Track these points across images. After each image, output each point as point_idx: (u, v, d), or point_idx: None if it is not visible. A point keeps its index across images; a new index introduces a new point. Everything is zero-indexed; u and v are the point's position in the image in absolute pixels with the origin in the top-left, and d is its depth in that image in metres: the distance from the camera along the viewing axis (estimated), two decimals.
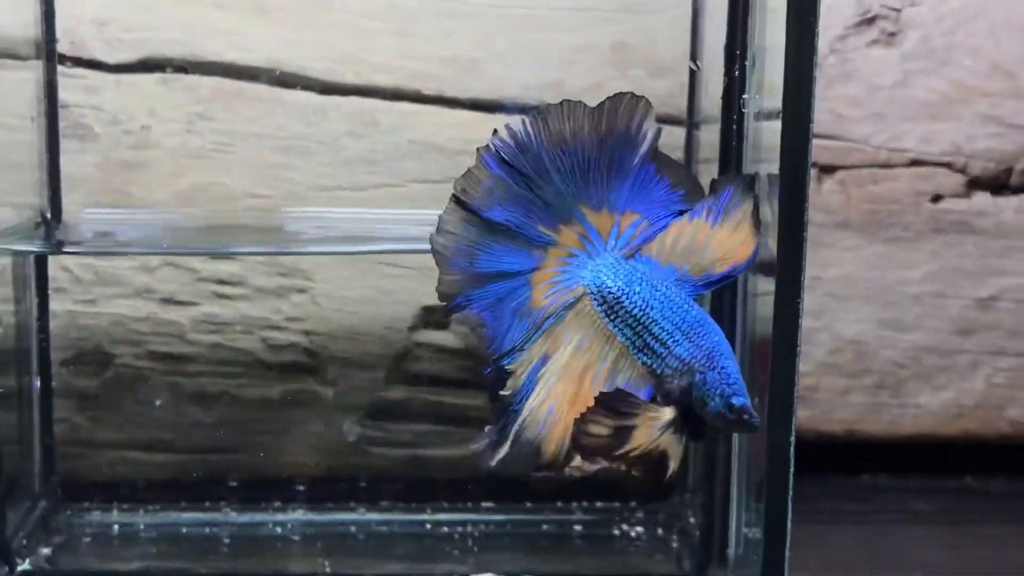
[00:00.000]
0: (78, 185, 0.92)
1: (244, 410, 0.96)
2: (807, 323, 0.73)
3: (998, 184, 1.08)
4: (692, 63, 0.89)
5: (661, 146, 0.70)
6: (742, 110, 0.77)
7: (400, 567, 0.88)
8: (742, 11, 0.77)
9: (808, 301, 0.74)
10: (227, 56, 0.93)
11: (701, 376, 0.68)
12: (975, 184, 1.07)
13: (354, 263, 0.96)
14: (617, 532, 0.94)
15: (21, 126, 0.88)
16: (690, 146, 0.93)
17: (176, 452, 0.97)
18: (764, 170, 0.76)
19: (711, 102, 0.87)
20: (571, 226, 0.70)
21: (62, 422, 0.95)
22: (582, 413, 0.67)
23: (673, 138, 0.93)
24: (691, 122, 0.92)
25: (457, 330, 0.96)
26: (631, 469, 0.68)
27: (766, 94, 0.75)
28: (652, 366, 0.69)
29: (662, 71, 0.94)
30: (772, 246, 0.70)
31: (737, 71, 0.77)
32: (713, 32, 0.85)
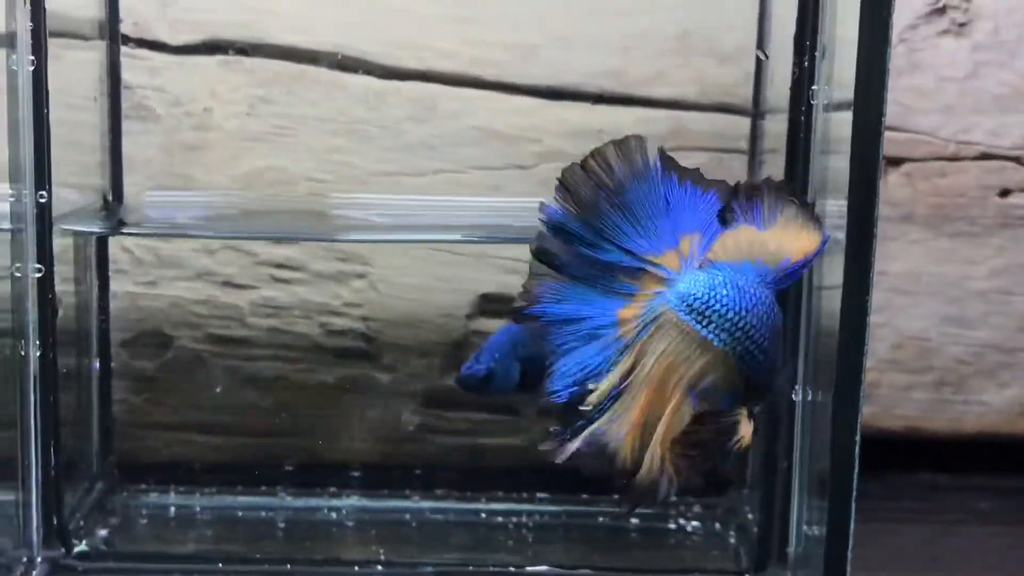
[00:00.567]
0: (139, 167, 0.92)
1: (301, 395, 0.96)
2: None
3: None
4: (760, 52, 0.88)
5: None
6: (811, 101, 0.76)
7: (454, 556, 0.88)
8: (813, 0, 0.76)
9: None
10: (288, 39, 0.93)
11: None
12: None
13: (412, 250, 0.96)
14: (673, 526, 0.93)
15: (85, 107, 0.88)
16: (755, 136, 0.91)
17: (233, 435, 0.97)
18: (834, 162, 0.75)
19: (777, 92, 0.86)
20: (647, 275, 0.69)
21: (120, 403, 0.95)
22: (677, 439, 0.67)
23: (737, 128, 0.92)
24: (756, 112, 0.91)
25: None
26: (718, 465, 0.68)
27: (836, 85, 0.74)
28: (747, 364, 0.68)
29: (726, 59, 0.93)
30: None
31: (807, 61, 0.76)
32: (781, 21, 0.84)
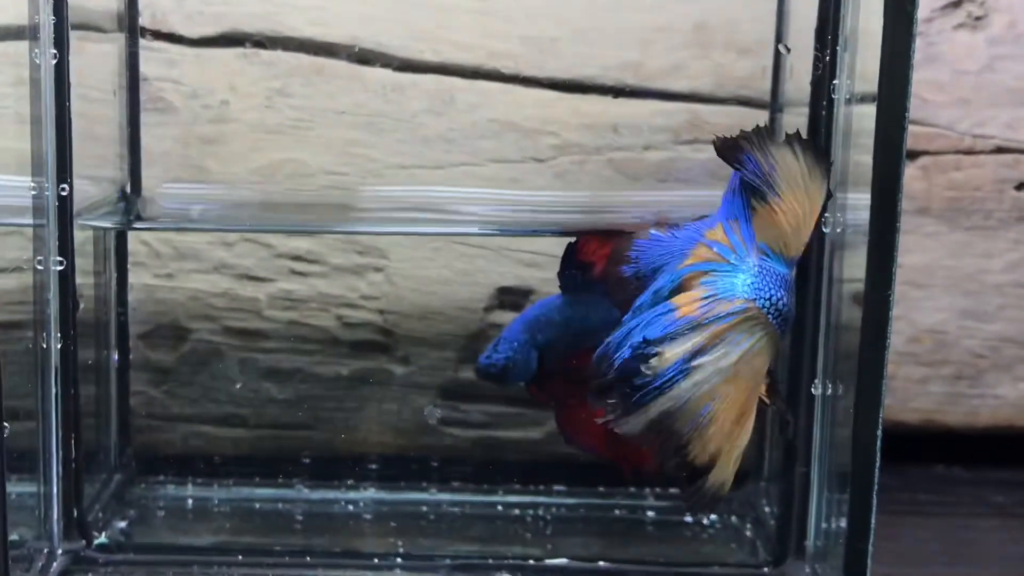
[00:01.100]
0: (157, 159, 0.92)
1: (318, 387, 0.96)
2: None
3: None
4: (782, 46, 0.88)
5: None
6: (832, 96, 0.75)
7: (471, 548, 0.88)
8: None
9: None
10: (306, 32, 0.93)
11: None
12: None
13: (430, 242, 0.96)
14: (690, 519, 0.93)
15: (104, 99, 0.88)
16: (773, 130, 0.91)
17: (250, 427, 0.97)
18: (854, 157, 0.75)
19: (796, 85, 0.86)
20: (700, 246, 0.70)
21: (138, 395, 0.95)
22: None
23: (755, 121, 0.92)
24: (775, 105, 0.91)
25: None
26: None
27: (858, 79, 0.74)
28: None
29: (744, 52, 0.93)
30: None
31: (828, 55, 0.76)
32: (801, 14, 0.84)
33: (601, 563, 0.85)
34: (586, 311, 0.81)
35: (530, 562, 0.84)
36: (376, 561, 0.84)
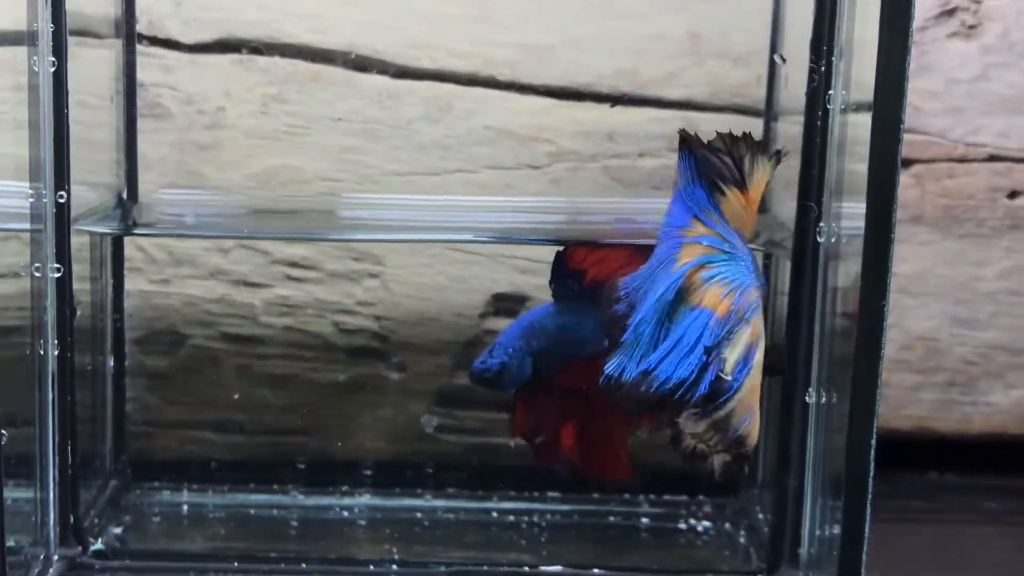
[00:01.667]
0: (153, 165, 0.92)
1: (313, 393, 0.96)
2: None
3: None
4: (777, 56, 0.88)
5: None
6: (827, 106, 0.76)
7: (466, 555, 0.88)
8: (829, 2, 0.76)
9: None
10: (303, 38, 0.93)
11: None
12: None
13: (426, 249, 0.96)
14: (684, 526, 0.94)
15: (100, 105, 0.88)
16: (767, 138, 0.91)
17: (246, 434, 0.97)
18: (848, 166, 0.75)
19: (790, 93, 0.86)
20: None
21: (134, 401, 0.95)
22: None
23: (749, 129, 0.92)
24: (769, 114, 0.91)
25: None
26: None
27: (853, 88, 0.75)
28: None
29: (739, 61, 0.93)
30: None
31: (823, 65, 0.76)
32: (794, 23, 0.84)
33: (596, 570, 0.85)
34: (580, 319, 0.81)
35: (525, 569, 0.84)
36: (371, 568, 0.84)
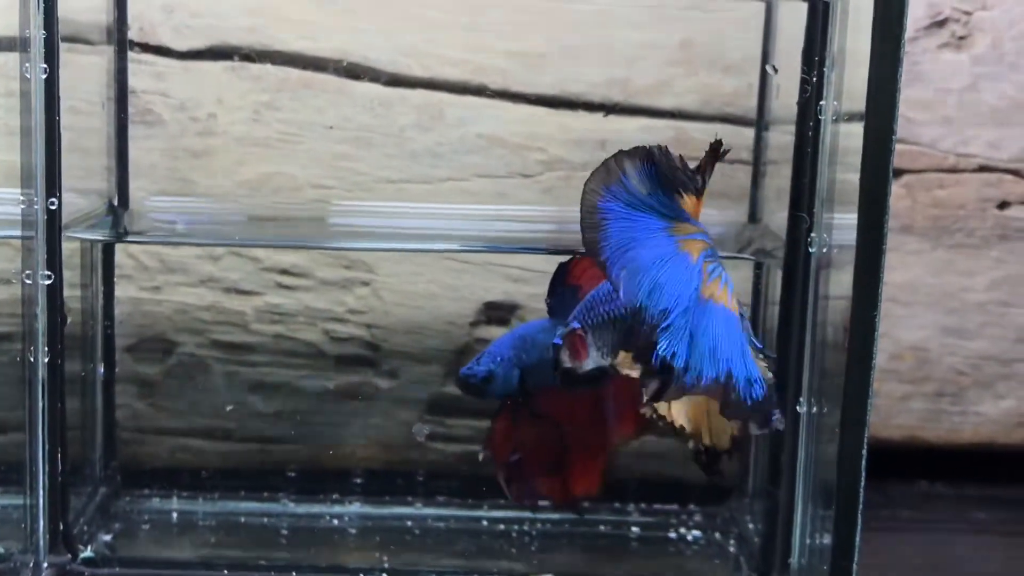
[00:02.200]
0: (145, 172, 0.92)
1: (304, 401, 0.96)
2: None
3: None
4: (769, 66, 0.88)
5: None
6: (819, 116, 0.76)
7: (457, 563, 0.88)
8: (821, 13, 0.76)
9: None
10: (294, 46, 0.93)
11: None
12: None
13: (417, 257, 0.96)
14: (674, 535, 0.94)
15: (91, 112, 0.88)
16: (759, 147, 0.92)
17: (236, 441, 0.97)
18: (840, 176, 0.75)
19: (781, 103, 0.86)
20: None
21: (124, 408, 0.95)
22: None
23: (741, 139, 0.93)
24: (760, 123, 0.91)
25: None
26: None
27: (845, 98, 0.75)
28: None
29: (730, 70, 0.94)
30: None
31: (815, 75, 0.76)
32: (787, 33, 0.85)
33: None
34: None
35: None
36: (361, 575, 0.84)
